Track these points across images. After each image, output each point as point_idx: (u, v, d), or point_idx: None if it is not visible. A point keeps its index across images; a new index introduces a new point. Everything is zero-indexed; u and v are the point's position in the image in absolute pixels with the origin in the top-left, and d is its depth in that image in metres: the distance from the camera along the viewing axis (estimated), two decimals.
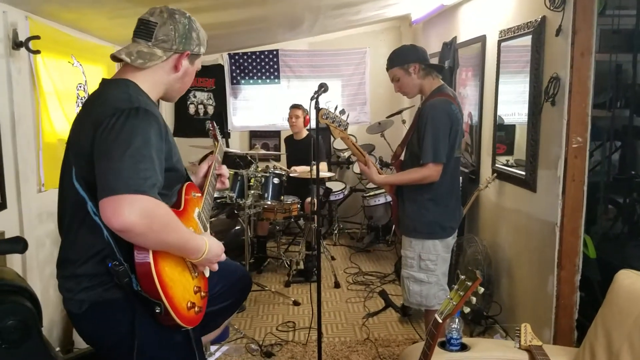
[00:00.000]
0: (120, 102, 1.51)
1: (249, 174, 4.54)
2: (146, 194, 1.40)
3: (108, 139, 1.44)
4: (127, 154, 1.41)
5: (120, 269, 1.49)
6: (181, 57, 1.69)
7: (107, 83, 1.66)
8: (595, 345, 1.89)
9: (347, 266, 5.26)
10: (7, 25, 2.74)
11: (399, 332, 3.78)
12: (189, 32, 1.68)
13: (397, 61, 2.82)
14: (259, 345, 3.52)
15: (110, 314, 1.58)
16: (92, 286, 1.56)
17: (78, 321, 1.65)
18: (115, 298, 1.55)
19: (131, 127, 1.46)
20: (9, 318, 1.78)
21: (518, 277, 3.39)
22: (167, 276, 1.53)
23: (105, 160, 1.43)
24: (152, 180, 1.44)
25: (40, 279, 3.07)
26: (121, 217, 1.36)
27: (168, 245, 1.54)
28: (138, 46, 1.64)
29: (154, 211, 1.43)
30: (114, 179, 1.39)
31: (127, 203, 1.37)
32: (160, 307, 1.51)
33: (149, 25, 1.64)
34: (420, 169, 2.69)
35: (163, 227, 1.47)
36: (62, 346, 3.25)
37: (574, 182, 2.78)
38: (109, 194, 1.38)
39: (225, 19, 4.05)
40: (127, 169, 1.40)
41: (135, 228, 1.38)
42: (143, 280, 1.50)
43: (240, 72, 6.43)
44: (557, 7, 2.80)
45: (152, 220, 1.42)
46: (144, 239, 1.44)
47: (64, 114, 3.29)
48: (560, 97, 2.81)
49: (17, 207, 2.85)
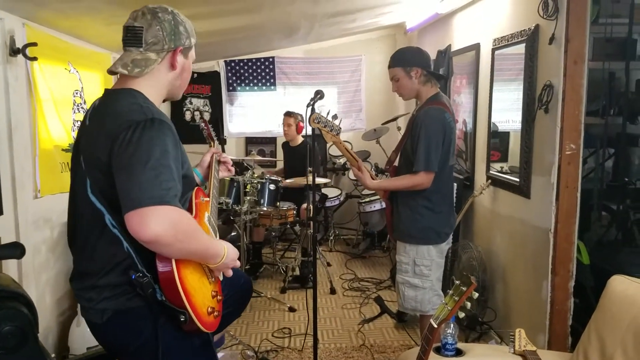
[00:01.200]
0: (133, 114, 1.51)
1: (245, 180, 4.55)
2: (170, 204, 1.42)
3: (127, 152, 1.45)
4: (148, 166, 1.43)
5: (144, 280, 1.50)
6: (175, 54, 1.68)
7: (113, 93, 1.65)
8: (589, 350, 1.91)
9: (342, 272, 5.27)
10: (4, 32, 2.75)
11: (394, 338, 3.79)
12: (176, 27, 1.67)
13: (401, 62, 2.82)
14: (255, 352, 3.52)
15: (132, 322, 1.59)
16: (114, 295, 1.57)
17: (100, 330, 1.65)
18: (137, 306, 1.56)
19: (149, 138, 1.47)
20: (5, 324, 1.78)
21: (512, 283, 3.40)
22: (189, 284, 1.55)
23: (127, 174, 1.44)
24: (173, 190, 1.46)
25: (36, 286, 3.07)
26: (149, 229, 1.38)
27: (191, 253, 1.56)
28: (131, 55, 1.64)
29: (179, 221, 1.45)
30: (138, 191, 1.40)
31: (153, 215, 1.39)
32: (185, 316, 1.53)
33: (135, 32, 1.63)
34: (412, 176, 2.71)
35: (187, 236, 1.48)
36: (58, 352, 3.25)
37: (567, 189, 2.80)
38: (135, 207, 1.39)
39: (222, 26, 4.08)
40: (149, 181, 1.41)
41: (162, 239, 1.40)
42: (167, 290, 1.52)
43: (236, 78, 6.45)
44: (550, 15, 2.83)
45: (177, 230, 1.43)
46: (170, 249, 1.46)
47: (61, 120, 3.30)
48: (553, 104, 2.84)
49: (13, 214, 2.85)
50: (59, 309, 3.39)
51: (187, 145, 6.42)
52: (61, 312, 3.42)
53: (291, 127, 5.27)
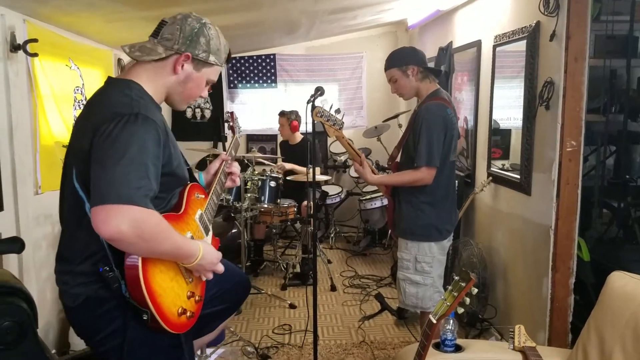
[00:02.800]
0: (120, 107, 1.50)
1: (246, 177, 4.55)
2: (136, 204, 1.39)
3: (104, 146, 1.44)
4: (121, 162, 1.41)
5: (110, 275, 1.50)
6: (180, 59, 1.65)
7: (111, 83, 1.66)
8: (588, 346, 1.91)
9: (343, 269, 5.27)
10: (4, 28, 2.75)
11: (394, 335, 3.79)
12: (197, 35, 1.66)
13: (396, 62, 2.84)
14: (255, 348, 3.52)
15: (103, 310, 1.59)
16: (88, 282, 1.57)
17: (72, 314, 1.67)
18: (109, 296, 1.56)
19: (128, 134, 1.45)
20: (4, 319, 1.79)
21: (513, 280, 3.40)
22: (156, 284, 1.53)
23: (99, 168, 1.42)
24: (144, 190, 1.43)
25: (37, 281, 3.08)
26: (109, 226, 1.36)
27: (160, 253, 1.54)
28: (145, 43, 1.66)
29: (145, 221, 1.42)
30: (105, 187, 1.39)
31: (116, 213, 1.37)
32: (147, 315, 1.51)
33: (161, 24, 1.66)
34: (413, 172, 2.71)
35: (154, 237, 1.46)
36: (58, 348, 3.25)
37: (568, 186, 2.80)
38: (100, 202, 1.38)
39: (222, 22, 4.06)
40: (119, 178, 1.40)
41: (124, 238, 1.38)
42: (131, 287, 1.50)
43: (237, 76, 6.45)
44: (551, 12, 2.82)
45: (143, 230, 1.41)
46: (136, 247, 1.45)
47: (61, 116, 3.30)
48: (554, 101, 2.84)
49: (14, 209, 2.85)
50: (59, 305, 3.40)
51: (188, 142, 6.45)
52: (62, 309, 3.41)
53: (284, 126, 5.27)
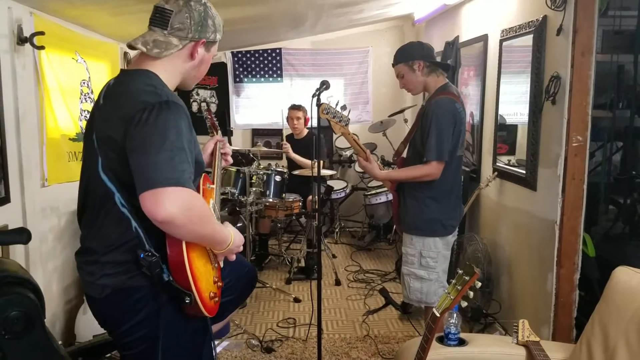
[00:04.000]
0: (148, 96, 1.52)
1: (251, 172, 4.56)
2: (184, 186, 1.44)
3: (142, 133, 1.46)
4: (163, 147, 1.44)
5: (153, 259, 1.51)
6: (197, 45, 1.67)
7: (128, 74, 1.66)
8: (592, 340, 1.91)
9: (348, 264, 5.28)
10: (12, 21, 2.76)
11: (399, 329, 3.80)
12: (205, 19, 1.67)
13: (402, 57, 2.84)
14: (260, 341, 3.54)
15: (132, 300, 1.60)
16: (116, 273, 1.58)
17: (97, 305, 1.67)
18: (138, 286, 1.58)
19: (164, 120, 1.48)
20: (12, 309, 1.80)
21: (518, 275, 3.40)
22: (195, 267, 1.57)
23: (143, 155, 1.45)
24: (187, 172, 1.47)
25: (43, 273, 3.10)
26: (163, 209, 1.39)
27: (202, 236, 1.57)
28: (154, 35, 1.63)
29: (193, 203, 1.46)
30: (153, 172, 1.42)
31: (168, 196, 1.40)
32: (191, 298, 1.54)
33: (164, 13, 1.63)
34: (422, 167, 2.71)
35: (200, 219, 1.50)
36: (64, 340, 3.28)
37: (574, 181, 2.79)
38: (150, 187, 1.41)
39: (228, 16, 4.06)
40: (165, 163, 1.43)
41: (176, 220, 1.41)
42: (176, 271, 1.53)
43: (243, 70, 6.45)
44: (558, 6, 2.81)
45: (191, 213, 1.45)
46: (182, 230, 1.47)
47: (68, 110, 3.31)
48: (560, 96, 2.83)
49: (20, 201, 2.87)
50: (65, 297, 3.42)
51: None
52: (68, 300, 3.45)
53: (300, 120, 5.24)
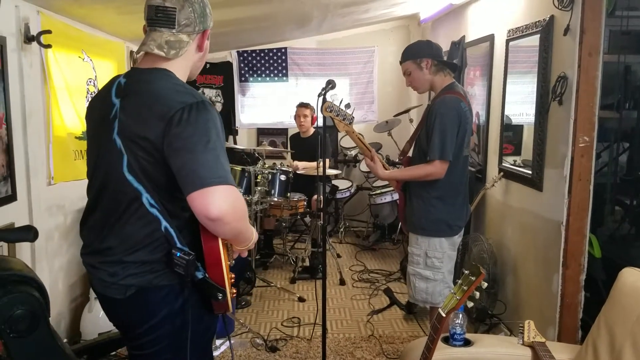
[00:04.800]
0: (183, 96, 1.52)
1: (256, 171, 4.56)
2: (230, 184, 1.47)
3: (185, 132, 1.46)
4: (208, 147, 1.46)
5: (190, 257, 1.52)
6: (204, 36, 1.69)
7: (147, 73, 1.62)
8: (598, 342, 1.90)
9: (352, 264, 5.28)
10: (19, 19, 2.77)
11: (403, 329, 3.79)
12: (204, 9, 1.67)
13: (410, 55, 2.84)
14: (264, 340, 3.54)
15: (155, 299, 1.59)
16: (142, 272, 1.57)
17: (118, 306, 1.65)
18: (164, 284, 1.58)
19: (205, 120, 1.49)
20: (17, 307, 1.80)
21: (523, 276, 3.39)
22: (225, 265, 1.60)
23: (189, 154, 1.45)
24: (229, 171, 1.50)
25: (49, 271, 3.11)
26: (216, 207, 1.41)
27: (240, 232, 1.60)
28: (163, 35, 1.61)
29: (238, 201, 1.50)
30: (203, 171, 1.43)
31: (219, 194, 1.42)
32: (223, 294, 1.57)
33: (167, 12, 1.60)
34: (425, 166, 2.70)
35: (242, 216, 1.54)
36: (70, 338, 3.29)
37: (580, 182, 2.78)
38: (202, 186, 1.42)
39: (234, 16, 4.08)
40: (212, 162, 1.45)
41: (225, 217, 1.44)
42: (212, 268, 1.55)
43: (248, 69, 6.45)
44: (566, 6, 2.79)
45: (236, 210, 1.48)
46: (228, 227, 1.48)
47: (74, 108, 3.32)
48: (567, 96, 2.81)
49: (27, 200, 2.88)
50: (71, 295, 3.44)
51: None
52: (73, 298, 3.46)
53: (307, 118, 5.25)
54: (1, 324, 1.70)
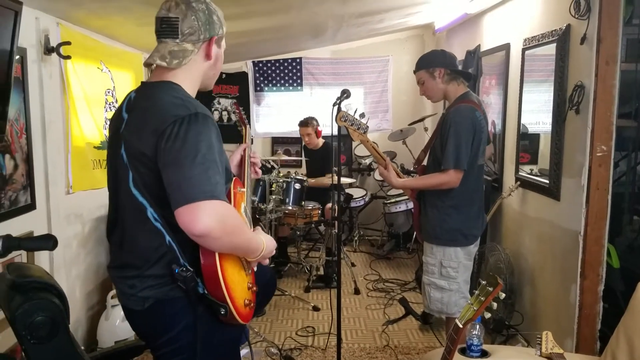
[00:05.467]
0: (177, 109, 1.51)
1: (271, 179, 4.58)
2: (218, 198, 1.43)
3: (174, 147, 1.45)
4: (196, 161, 1.44)
5: (187, 274, 1.51)
6: (210, 44, 1.67)
7: (151, 86, 1.65)
8: (617, 353, 1.87)
9: (367, 273, 5.26)
10: (39, 31, 2.82)
11: (419, 339, 3.76)
12: (210, 16, 1.66)
13: (424, 64, 2.85)
14: (279, 349, 3.54)
15: (172, 311, 1.60)
16: (158, 284, 1.58)
17: (138, 317, 1.67)
18: (180, 296, 1.58)
19: (195, 133, 1.47)
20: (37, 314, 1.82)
21: (541, 286, 3.35)
22: (229, 278, 1.56)
23: (176, 169, 1.44)
24: (220, 184, 1.47)
25: (67, 279, 3.15)
26: (200, 223, 1.39)
27: (236, 247, 1.57)
28: (167, 46, 1.62)
29: (227, 215, 1.46)
30: (187, 187, 1.42)
31: (204, 209, 1.40)
32: (225, 309, 1.55)
33: (171, 22, 1.61)
34: (440, 175, 2.70)
35: (234, 230, 1.50)
36: (87, 345, 3.32)
37: (598, 191, 2.75)
38: (186, 201, 1.40)
39: (250, 27, 4.11)
40: (199, 176, 1.43)
41: (212, 233, 1.41)
42: (209, 284, 1.54)
43: (263, 79, 6.50)
44: (582, 15, 2.78)
45: (226, 224, 1.45)
46: (219, 242, 1.47)
47: (93, 118, 3.37)
48: (584, 105, 2.80)
49: (45, 208, 2.92)
50: (88, 303, 3.47)
51: None
52: (90, 306, 3.49)
53: (311, 135, 5.26)
54: (22, 330, 1.72)
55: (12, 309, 1.68)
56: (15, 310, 1.66)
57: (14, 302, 1.69)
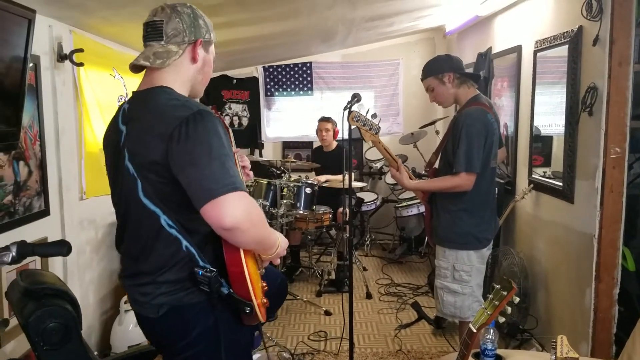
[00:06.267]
0: (178, 110, 1.51)
1: (282, 184, 4.58)
2: (240, 189, 1.44)
3: (187, 148, 1.45)
4: (212, 157, 1.44)
5: (212, 274, 1.51)
6: (195, 47, 1.67)
7: (145, 94, 1.64)
8: (634, 357, 1.85)
9: (379, 277, 5.24)
10: (52, 38, 2.85)
11: (432, 344, 3.74)
12: (195, 20, 1.67)
13: (432, 71, 2.83)
14: (291, 354, 3.53)
15: (188, 317, 1.60)
16: (173, 291, 1.57)
17: (153, 325, 1.66)
18: (194, 302, 1.57)
19: (204, 131, 1.47)
20: (50, 320, 1.83)
21: (555, 290, 3.32)
22: (251, 277, 1.57)
23: (193, 169, 1.44)
24: (237, 176, 1.47)
25: (80, 285, 3.16)
26: (229, 216, 1.39)
27: (260, 239, 1.57)
28: (152, 48, 1.64)
29: (251, 205, 1.47)
30: (210, 182, 1.42)
31: (231, 202, 1.40)
32: (251, 308, 1.55)
33: (155, 26, 1.63)
34: (452, 178, 2.68)
35: (259, 221, 1.51)
36: (100, 350, 3.34)
37: (612, 193, 2.72)
38: (211, 197, 1.40)
39: (260, 32, 4.13)
40: (217, 171, 1.43)
41: (241, 225, 1.42)
42: (236, 283, 1.54)
43: (274, 84, 6.51)
44: (594, 16, 2.76)
45: (251, 215, 1.46)
46: (246, 235, 1.46)
47: (106, 125, 3.38)
48: (597, 107, 2.77)
49: (59, 214, 2.94)
50: (101, 308, 3.49)
51: None
52: (104, 311, 3.51)
53: (329, 132, 5.29)
54: (35, 336, 1.73)
55: (25, 315, 1.69)
56: (28, 317, 1.68)
57: (27, 309, 1.70)
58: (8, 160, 2.48)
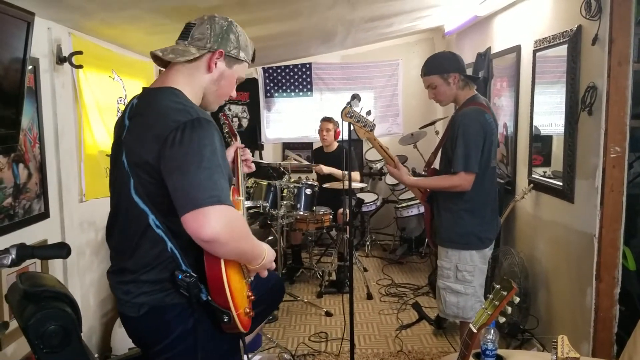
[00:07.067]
0: (178, 115, 1.50)
1: (282, 185, 4.58)
2: (225, 203, 1.42)
3: (179, 153, 1.45)
4: (201, 166, 1.43)
5: (191, 280, 1.51)
6: (214, 56, 1.66)
7: (153, 92, 1.65)
8: (634, 357, 1.84)
9: (379, 278, 5.24)
10: (51, 41, 2.85)
11: (433, 345, 3.74)
12: (226, 32, 1.68)
13: (437, 69, 2.78)
14: (292, 355, 3.53)
15: (168, 318, 1.59)
16: (153, 291, 1.57)
17: (134, 324, 1.66)
18: (174, 303, 1.57)
19: (198, 138, 1.46)
20: (50, 323, 1.83)
21: (555, 290, 3.32)
22: (232, 286, 1.55)
23: (181, 175, 1.43)
24: (226, 189, 1.46)
25: (81, 286, 3.16)
26: (209, 228, 1.38)
27: (242, 253, 1.57)
28: (176, 46, 1.67)
29: (235, 220, 1.46)
30: (195, 192, 1.41)
31: (212, 214, 1.39)
32: (229, 316, 1.54)
33: (188, 27, 1.68)
34: (451, 177, 2.68)
35: (240, 235, 1.50)
36: (101, 352, 3.33)
37: (612, 193, 2.72)
38: (193, 207, 1.39)
39: (259, 33, 4.13)
40: (204, 181, 1.42)
41: (220, 238, 1.40)
42: (214, 291, 1.53)
43: (274, 85, 6.52)
44: (593, 16, 2.76)
45: (233, 229, 1.44)
46: (226, 248, 1.46)
47: (105, 126, 3.39)
48: (597, 106, 2.77)
49: (59, 217, 2.94)
50: (102, 310, 3.48)
51: None
52: (104, 313, 3.51)
53: (330, 132, 5.29)
54: (34, 339, 1.73)
55: (24, 318, 1.68)
56: (27, 320, 1.67)
57: (27, 312, 1.70)
58: (7, 162, 2.48)
